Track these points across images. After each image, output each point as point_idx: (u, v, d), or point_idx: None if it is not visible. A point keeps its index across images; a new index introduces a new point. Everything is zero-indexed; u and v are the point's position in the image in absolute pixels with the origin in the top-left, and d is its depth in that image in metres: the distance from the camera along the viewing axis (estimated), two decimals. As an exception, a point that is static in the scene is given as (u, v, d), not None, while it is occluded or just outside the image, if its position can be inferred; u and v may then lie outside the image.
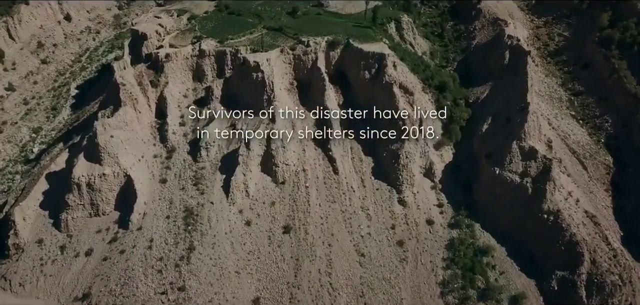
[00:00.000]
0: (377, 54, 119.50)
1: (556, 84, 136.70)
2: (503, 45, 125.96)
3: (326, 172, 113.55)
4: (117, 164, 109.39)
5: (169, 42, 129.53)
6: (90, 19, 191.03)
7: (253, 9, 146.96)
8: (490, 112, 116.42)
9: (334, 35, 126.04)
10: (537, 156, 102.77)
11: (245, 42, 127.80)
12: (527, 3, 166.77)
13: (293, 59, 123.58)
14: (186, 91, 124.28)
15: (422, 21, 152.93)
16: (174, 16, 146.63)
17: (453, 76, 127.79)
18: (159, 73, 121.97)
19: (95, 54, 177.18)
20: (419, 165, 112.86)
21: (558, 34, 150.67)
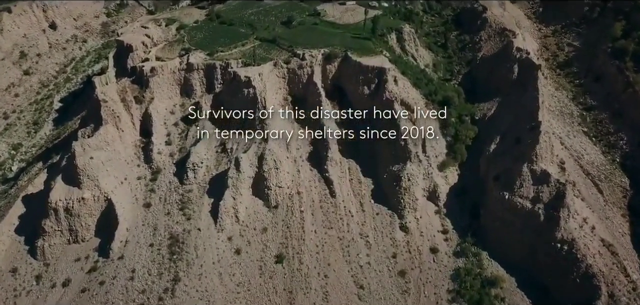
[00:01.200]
0: (377, 68, 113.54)
1: (566, 98, 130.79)
2: (511, 58, 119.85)
3: (322, 195, 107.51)
4: (97, 187, 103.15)
5: (155, 55, 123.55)
6: (77, 26, 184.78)
7: (246, 19, 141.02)
8: (498, 131, 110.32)
9: (331, 47, 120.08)
10: (550, 180, 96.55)
11: (237, 55, 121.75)
12: (534, 11, 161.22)
13: (287, 73, 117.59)
14: (173, 107, 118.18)
15: (425, 31, 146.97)
16: (162, 26, 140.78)
17: (458, 91, 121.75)
18: (144, 88, 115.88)
19: (81, 64, 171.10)
20: (422, 188, 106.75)
21: (567, 43, 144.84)
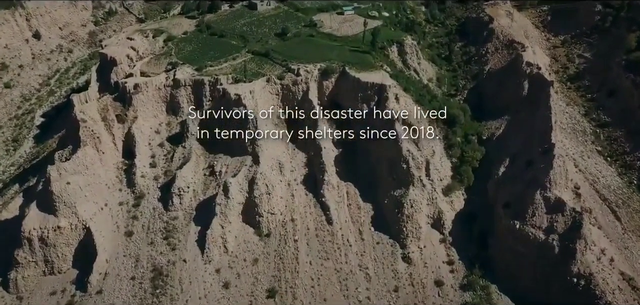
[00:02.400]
0: (377, 85, 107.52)
1: (578, 114, 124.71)
2: (521, 73, 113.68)
3: (318, 223, 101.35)
4: (74, 214, 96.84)
5: (139, 70, 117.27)
6: (62, 36, 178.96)
7: (238, 30, 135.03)
8: (507, 152, 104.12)
9: (328, 61, 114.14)
10: (565, 209, 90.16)
11: (227, 70, 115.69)
12: (542, 19, 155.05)
13: (281, 90, 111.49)
14: (159, 126, 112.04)
15: (428, 42, 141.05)
16: (149, 37, 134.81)
17: (463, 108, 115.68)
18: (127, 106, 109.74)
19: (66, 76, 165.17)
20: (426, 215, 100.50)
21: (578, 55, 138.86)
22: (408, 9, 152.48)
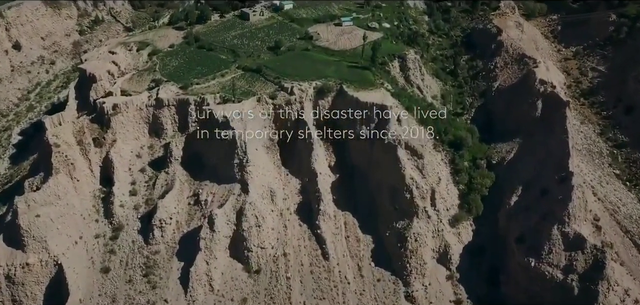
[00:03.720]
0: (378, 105, 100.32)
1: (594, 133, 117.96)
2: (533, 92, 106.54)
3: (313, 257, 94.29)
4: (45, 249, 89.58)
5: (120, 87, 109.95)
6: (44, 46, 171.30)
7: (228, 43, 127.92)
8: (520, 179, 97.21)
9: (324, 79, 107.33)
10: (585, 246, 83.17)
11: (215, 87, 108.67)
12: (552, 29, 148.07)
13: (273, 110, 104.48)
14: (140, 149, 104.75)
15: (431, 55, 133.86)
16: (133, 50, 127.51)
17: (471, 129, 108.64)
18: (105, 128, 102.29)
19: (47, 90, 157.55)
20: (431, 248, 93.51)
21: (592, 68, 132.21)
22: (410, 19, 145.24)
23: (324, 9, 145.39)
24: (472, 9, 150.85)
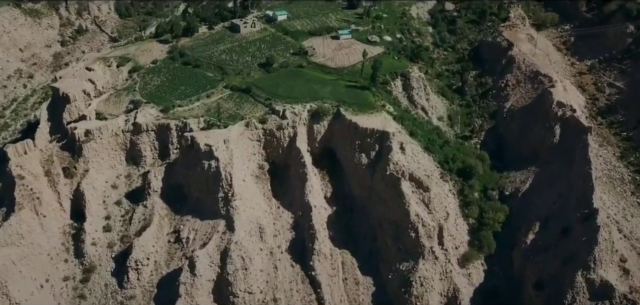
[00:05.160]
0: (379, 132, 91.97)
1: (613, 157, 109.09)
2: (550, 116, 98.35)
3: (307, 302, 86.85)
4: (5, 296, 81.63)
5: (95, 109, 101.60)
6: (22, 59, 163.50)
7: (216, 58, 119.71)
8: (536, 214, 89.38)
9: (320, 100, 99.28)
10: (614, 295, 74.92)
11: (199, 110, 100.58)
12: (565, 41, 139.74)
13: (263, 135, 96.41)
14: (116, 179, 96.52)
15: (436, 70, 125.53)
16: (113, 66, 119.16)
17: (481, 156, 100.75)
18: (77, 157, 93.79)
19: (23, 106, 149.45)
20: (438, 292, 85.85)
21: (608, 83, 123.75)
22: (413, 31, 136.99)
23: (320, 21, 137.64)
24: (479, 19, 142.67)
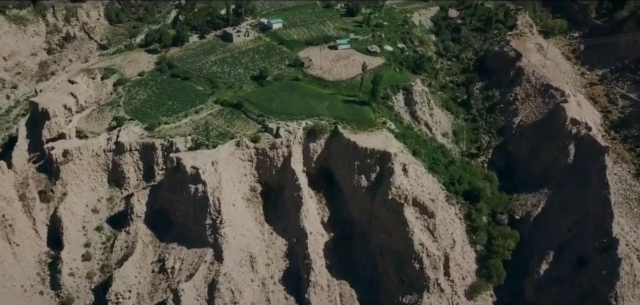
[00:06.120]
0: (379, 152, 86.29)
1: (629, 175, 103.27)
2: (564, 134, 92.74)
3: (302, 338, 79.82)
4: (-27, 334, 74.94)
5: (75, 127, 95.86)
6: (6, 68, 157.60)
7: (206, 70, 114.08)
8: (550, 241, 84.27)
9: (316, 117, 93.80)
10: (638, 334, 68.51)
11: (187, 127, 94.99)
12: (574, 49, 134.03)
13: (255, 155, 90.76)
14: (97, 203, 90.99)
15: (440, 82, 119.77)
16: (97, 78, 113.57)
17: (489, 176, 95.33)
18: (54, 179, 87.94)
19: (5, 119, 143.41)
20: (444, 328, 78.82)
21: (622, 95, 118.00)
22: (416, 40, 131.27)
23: (317, 29, 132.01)
24: (485, 27, 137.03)
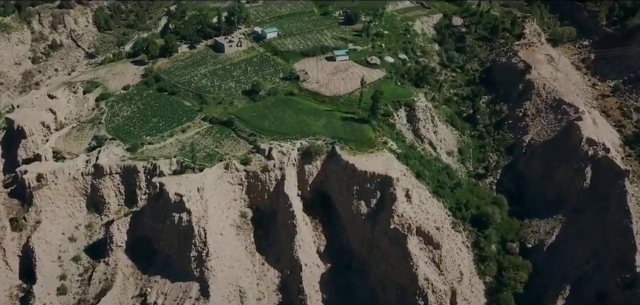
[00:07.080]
0: (380, 176, 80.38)
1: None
2: (579, 155, 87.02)
3: None
4: None
5: (52, 146, 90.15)
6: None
7: (195, 84, 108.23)
8: (566, 274, 79.33)
9: (312, 137, 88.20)
10: None
11: (172, 147, 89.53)
12: (584, 58, 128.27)
13: (246, 178, 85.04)
14: (74, 230, 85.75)
15: (444, 95, 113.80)
16: (79, 92, 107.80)
17: (498, 200, 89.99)
18: (27, 206, 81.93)
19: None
20: None
21: (636, 108, 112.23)
22: (418, 50, 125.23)
23: (314, 39, 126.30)
24: (491, 35, 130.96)
